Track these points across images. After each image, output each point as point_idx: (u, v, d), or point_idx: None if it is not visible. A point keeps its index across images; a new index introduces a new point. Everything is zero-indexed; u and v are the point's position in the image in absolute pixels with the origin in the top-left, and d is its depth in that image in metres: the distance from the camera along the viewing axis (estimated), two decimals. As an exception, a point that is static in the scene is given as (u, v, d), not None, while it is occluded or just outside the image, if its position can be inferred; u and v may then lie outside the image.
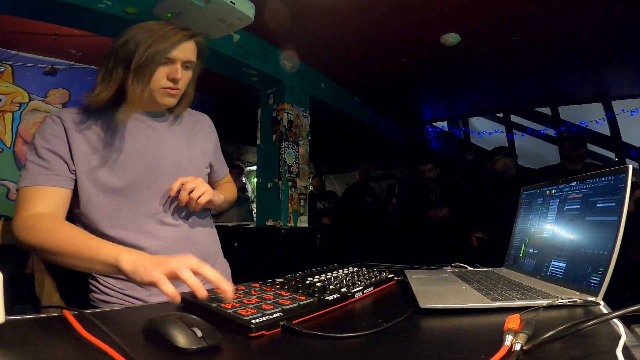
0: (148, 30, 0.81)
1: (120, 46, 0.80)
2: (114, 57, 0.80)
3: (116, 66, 0.80)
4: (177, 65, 0.83)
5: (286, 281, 0.74)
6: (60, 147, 0.78)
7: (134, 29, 0.82)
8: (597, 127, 4.83)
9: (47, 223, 0.71)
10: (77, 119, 0.82)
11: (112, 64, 0.80)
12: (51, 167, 0.77)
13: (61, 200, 0.77)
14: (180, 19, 2.17)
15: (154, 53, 0.78)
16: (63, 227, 0.71)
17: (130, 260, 0.59)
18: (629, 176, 0.62)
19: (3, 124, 3.55)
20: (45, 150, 0.78)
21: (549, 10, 2.74)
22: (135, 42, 0.79)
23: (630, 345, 0.40)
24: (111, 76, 0.80)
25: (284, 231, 3.13)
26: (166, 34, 0.80)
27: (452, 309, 0.58)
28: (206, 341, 0.42)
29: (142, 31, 0.80)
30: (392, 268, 1.08)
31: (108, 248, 0.64)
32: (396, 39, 3.27)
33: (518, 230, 1.04)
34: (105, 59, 0.82)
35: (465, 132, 6.09)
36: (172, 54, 0.81)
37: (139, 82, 0.79)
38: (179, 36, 0.81)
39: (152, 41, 0.78)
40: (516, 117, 5.52)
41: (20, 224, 0.72)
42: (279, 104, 3.43)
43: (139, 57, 0.78)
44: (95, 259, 0.63)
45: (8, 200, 3.50)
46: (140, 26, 0.82)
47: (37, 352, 0.41)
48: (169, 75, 0.82)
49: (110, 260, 0.61)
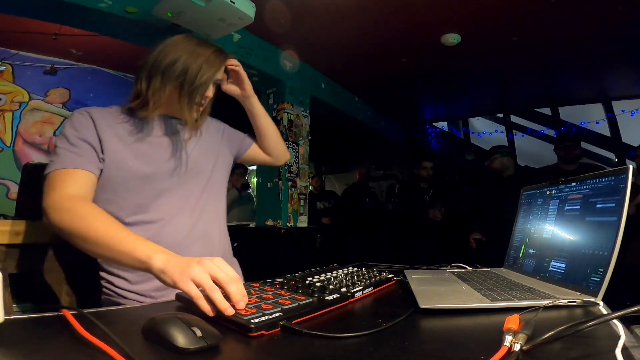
0: (193, 52, 0.87)
1: (167, 66, 0.86)
2: (161, 76, 0.86)
3: (165, 84, 0.86)
4: (211, 85, 0.91)
5: (286, 281, 0.74)
6: (90, 136, 0.82)
7: (176, 47, 0.88)
8: (597, 127, 4.83)
9: (82, 207, 0.72)
10: (105, 115, 0.88)
11: (159, 82, 0.86)
12: (82, 152, 0.80)
13: (90, 184, 0.80)
14: (181, 19, 2.18)
15: (207, 78, 0.87)
16: (97, 213, 0.71)
17: (162, 260, 0.59)
18: (629, 177, 0.62)
19: (3, 123, 3.55)
20: (76, 138, 0.81)
21: (549, 10, 2.74)
22: (184, 64, 0.85)
23: (629, 346, 0.40)
24: (161, 94, 0.86)
25: (283, 231, 3.13)
26: (211, 59, 0.88)
27: (451, 309, 0.58)
28: (206, 341, 0.42)
29: (187, 53, 0.86)
30: (392, 268, 1.08)
31: (143, 245, 0.64)
32: (396, 39, 3.27)
33: (518, 230, 1.04)
34: (148, 73, 0.87)
35: (465, 132, 6.09)
36: (218, 76, 0.91)
37: (190, 102, 0.87)
38: (220, 60, 0.90)
39: (201, 65, 0.86)
40: (516, 117, 5.52)
41: (53, 204, 0.73)
42: (279, 103, 3.43)
43: (192, 81, 0.85)
44: (127, 253, 0.64)
45: (8, 199, 3.50)
46: (183, 46, 0.88)
47: (37, 352, 0.41)
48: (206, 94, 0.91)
49: (143, 257, 0.61)
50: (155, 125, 0.92)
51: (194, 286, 0.53)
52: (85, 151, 0.81)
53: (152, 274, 0.60)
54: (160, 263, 0.59)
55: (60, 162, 0.78)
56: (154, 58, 0.88)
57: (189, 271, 0.54)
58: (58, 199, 0.73)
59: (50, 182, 0.77)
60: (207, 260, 0.56)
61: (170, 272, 0.56)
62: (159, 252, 0.61)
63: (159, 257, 0.59)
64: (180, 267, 0.55)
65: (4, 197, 3.51)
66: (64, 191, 0.74)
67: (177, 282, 0.55)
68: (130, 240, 0.65)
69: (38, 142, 3.74)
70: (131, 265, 0.64)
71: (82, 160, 0.79)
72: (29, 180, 1.22)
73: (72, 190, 0.75)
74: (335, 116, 4.57)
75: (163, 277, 0.57)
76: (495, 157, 2.83)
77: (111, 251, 0.66)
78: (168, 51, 0.87)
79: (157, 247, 0.63)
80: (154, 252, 0.61)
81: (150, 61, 0.88)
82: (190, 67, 0.85)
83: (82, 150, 0.81)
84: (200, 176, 0.96)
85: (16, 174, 3.51)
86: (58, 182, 0.76)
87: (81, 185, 0.77)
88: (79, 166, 0.78)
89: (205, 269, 0.54)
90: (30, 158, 3.65)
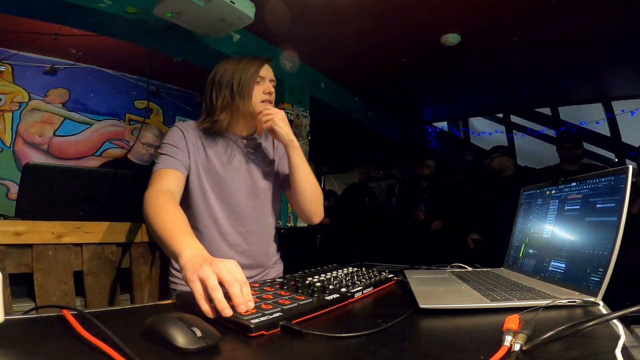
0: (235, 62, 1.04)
1: (221, 77, 1.03)
2: (218, 85, 1.03)
3: (222, 91, 1.02)
4: (267, 81, 1.06)
5: (286, 281, 0.74)
6: (183, 146, 1.00)
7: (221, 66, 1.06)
8: (597, 127, 4.83)
9: (161, 200, 0.85)
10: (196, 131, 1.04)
11: (218, 91, 1.03)
12: (177, 157, 0.98)
13: (180, 182, 0.96)
14: (181, 19, 2.17)
15: (249, 74, 1.02)
16: (169, 207, 0.82)
17: (187, 257, 0.62)
18: (629, 177, 0.62)
19: (3, 123, 3.55)
20: (173, 147, 0.99)
21: (549, 10, 2.74)
22: (232, 70, 1.03)
23: (629, 346, 0.40)
24: (222, 99, 1.02)
25: (283, 231, 3.13)
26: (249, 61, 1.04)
27: (451, 309, 0.58)
28: (206, 341, 0.42)
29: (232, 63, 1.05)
30: (392, 268, 1.08)
31: (182, 239, 0.69)
32: (396, 39, 3.27)
33: (518, 230, 1.04)
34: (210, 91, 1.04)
35: (465, 132, 6.08)
36: (261, 74, 1.04)
37: (243, 97, 1.01)
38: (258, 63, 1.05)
39: (242, 67, 1.02)
40: (516, 117, 5.51)
41: (147, 195, 0.87)
42: (279, 103, 3.43)
43: (238, 79, 1.01)
44: (170, 245, 0.70)
45: (8, 199, 3.50)
46: (226, 63, 1.06)
47: (37, 352, 0.41)
48: (264, 90, 1.04)
49: (177, 251, 0.67)
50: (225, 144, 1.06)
51: (200, 286, 0.54)
52: (180, 156, 0.98)
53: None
54: (184, 259, 0.62)
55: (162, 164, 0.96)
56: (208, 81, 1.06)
57: (198, 270, 0.55)
58: (153, 191, 0.88)
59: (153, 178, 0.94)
60: (218, 261, 0.57)
61: (187, 269, 0.59)
62: (189, 249, 0.65)
63: (187, 253, 0.63)
64: (195, 266, 0.57)
65: (4, 197, 3.51)
66: (159, 185, 0.91)
67: (187, 279, 0.57)
68: (177, 235, 0.71)
69: (38, 143, 3.74)
70: (172, 257, 0.71)
71: (177, 163, 0.97)
72: (29, 180, 1.22)
73: (165, 185, 0.91)
74: (335, 116, 4.56)
75: (183, 272, 0.60)
76: (494, 156, 2.84)
77: (162, 241, 0.74)
78: (216, 71, 1.06)
79: (192, 243, 0.68)
80: (185, 247, 0.65)
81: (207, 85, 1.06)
82: (234, 75, 1.02)
83: (178, 155, 0.98)
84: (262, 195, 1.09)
85: (16, 174, 3.50)
86: (157, 178, 0.93)
87: (172, 182, 0.93)
88: (173, 167, 0.96)
89: (213, 269, 0.55)
90: (30, 158, 3.65)
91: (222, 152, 1.04)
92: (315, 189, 1.06)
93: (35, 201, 1.20)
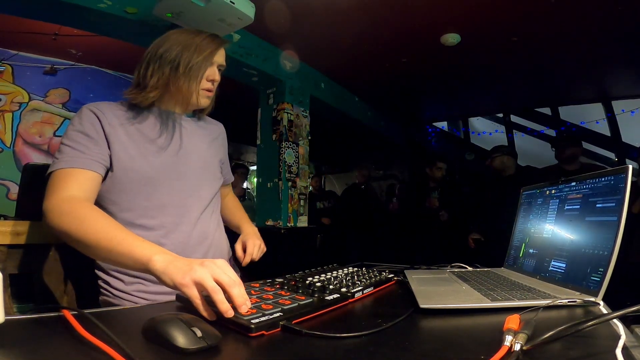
0: (187, 37, 0.90)
1: (165, 51, 0.88)
2: (159, 60, 0.88)
3: (161, 68, 0.88)
4: (215, 68, 0.93)
5: (286, 281, 0.74)
6: (96, 133, 0.81)
7: (171, 37, 0.91)
8: (596, 127, 4.83)
9: (81, 210, 0.70)
10: (114, 110, 0.87)
11: (156, 67, 0.88)
12: (87, 150, 0.78)
13: (94, 184, 0.78)
14: (181, 19, 2.17)
15: (204, 56, 0.89)
16: (97, 216, 0.70)
17: (163, 262, 0.58)
18: (629, 176, 0.62)
19: (3, 123, 3.55)
20: (81, 134, 0.80)
21: (549, 10, 2.74)
22: (182, 46, 0.88)
23: (629, 346, 0.40)
24: (158, 77, 0.87)
25: (283, 231, 3.13)
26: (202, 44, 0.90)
27: (451, 309, 0.58)
28: (206, 341, 0.42)
29: (182, 37, 0.90)
30: (392, 268, 1.08)
31: (143, 246, 0.62)
32: (396, 39, 3.27)
33: (518, 230, 1.04)
34: (147, 63, 0.89)
35: (465, 132, 6.08)
36: (215, 58, 0.91)
37: (190, 81, 0.88)
38: (216, 44, 0.92)
39: (195, 46, 0.88)
40: (516, 117, 5.51)
41: (53, 207, 0.71)
42: (279, 104, 3.43)
43: (188, 59, 0.87)
44: (127, 255, 0.62)
45: (8, 200, 3.50)
46: (177, 36, 0.91)
47: (37, 352, 0.41)
48: (208, 76, 0.91)
49: (143, 259, 0.60)
50: (160, 122, 0.91)
51: (196, 290, 0.53)
52: (90, 149, 0.79)
53: (152, 275, 0.59)
54: (160, 264, 0.57)
55: (64, 161, 0.76)
56: (149, 51, 0.90)
57: (191, 273, 0.53)
58: (58, 202, 0.72)
59: (52, 182, 0.75)
60: (209, 262, 0.55)
61: (172, 274, 0.55)
62: (159, 253, 0.60)
63: (160, 258, 0.58)
64: (182, 270, 0.54)
65: (4, 197, 3.51)
66: (64, 193, 0.73)
67: (178, 284, 0.54)
68: (129, 242, 0.63)
69: (38, 143, 3.74)
70: (132, 266, 0.63)
71: (86, 159, 0.77)
72: (29, 180, 1.22)
73: (73, 192, 0.74)
74: (335, 116, 4.56)
75: (163, 278, 0.56)
76: (495, 155, 2.84)
77: (111, 253, 0.65)
78: (162, 43, 0.90)
79: (157, 247, 0.62)
80: (154, 253, 0.60)
81: (146, 55, 0.91)
82: (182, 53, 0.87)
83: (88, 148, 0.78)
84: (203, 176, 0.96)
85: (16, 175, 3.50)
86: (59, 183, 0.74)
87: (83, 186, 0.75)
88: (82, 166, 0.76)
89: (208, 271, 0.53)
90: (30, 158, 3.65)
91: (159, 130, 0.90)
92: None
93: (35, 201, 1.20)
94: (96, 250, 0.67)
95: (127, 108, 0.90)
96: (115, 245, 0.64)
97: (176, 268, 0.55)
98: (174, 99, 0.93)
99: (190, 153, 0.94)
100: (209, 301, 0.52)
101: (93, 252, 0.68)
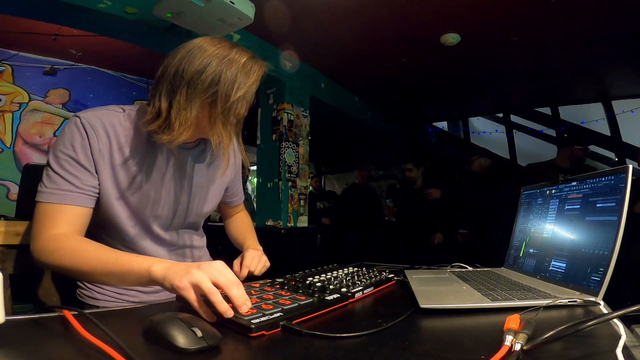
0: (224, 57, 0.71)
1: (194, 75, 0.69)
2: (187, 88, 0.70)
3: (192, 100, 0.70)
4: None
5: (286, 281, 0.74)
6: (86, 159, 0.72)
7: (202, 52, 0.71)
8: (596, 126, 4.83)
9: (71, 244, 0.67)
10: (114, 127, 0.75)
11: (185, 98, 0.70)
12: (77, 182, 0.71)
13: (84, 219, 0.73)
14: (181, 19, 2.18)
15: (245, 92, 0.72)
16: (87, 245, 0.68)
17: (162, 269, 0.58)
18: (629, 176, 0.62)
19: (3, 124, 3.55)
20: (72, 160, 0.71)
21: (549, 10, 2.74)
22: (215, 72, 0.69)
23: (630, 345, 0.40)
24: (188, 113, 0.70)
25: (284, 231, 3.13)
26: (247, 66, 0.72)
27: (452, 309, 0.58)
28: (206, 341, 0.42)
29: (217, 58, 0.70)
30: (392, 268, 1.08)
31: (139, 260, 0.62)
32: (396, 39, 3.27)
33: (518, 230, 1.04)
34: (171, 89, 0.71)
35: (465, 132, 6.08)
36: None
37: (224, 124, 0.72)
38: (256, 69, 0.74)
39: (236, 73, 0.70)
40: (516, 117, 5.51)
41: (41, 246, 0.68)
42: (279, 104, 3.43)
43: (227, 94, 0.70)
44: (128, 272, 0.62)
45: (8, 200, 3.50)
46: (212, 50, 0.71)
47: (37, 352, 0.41)
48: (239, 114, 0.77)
49: (143, 272, 0.60)
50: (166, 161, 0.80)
51: (194, 292, 0.53)
52: (81, 180, 0.71)
53: (156, 285, 0.60)
54: (160, 272, 0.58)
55: (53, 195, 0.70)
56: (175, 66, 0.71)
57: (188, 276, 0.53)
58: (45, 242, 0.68)
59: (40, 216, 0.70)
60: (207, 264, 0.55)
61: (170, 278, 0.55)
62: (157, 263, 0.60)
63: (158, 267, 0.59)
64: (180, 274, 0.55)
65: (4, 198, 3.51)
66: (51, 232, 0.68)
67: (177, 288, 0.54)
68: (124, 260, 0.63)
69: (38, 143, 3.74)
70: (135, 282, 0.63)
71: (75, 194, 0.71)
72: (29, 181, 1.22)
73: (62, 229, 0.69)
74: (335, 116, 4.56)
75: (164, 284, 0.57)
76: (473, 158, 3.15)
77: (110, 276, 0.64)
78: (192, 57, 0.70)
79: (152, 258, 0.63)
80: (152, 263, 0.60)
81: (170, 70, 0.71)
82: (223, 76, 0.69)
83: (77, 178, 0.71)
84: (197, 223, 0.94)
85: (16, 175, 3.51)
86: (47, 221, 0.69)
87: (72, 222, 0.70)
88: (71, 202, 0.70)
89: (205, 273, 0.53)
90: (30, 159, 3.65)
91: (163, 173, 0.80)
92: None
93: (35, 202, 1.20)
94: (95, 276, 0.66)
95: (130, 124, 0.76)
96: (112, 267, 0.63)
97: (174, 272, 0.56)
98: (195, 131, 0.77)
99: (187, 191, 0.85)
100: (208, 303, 0.52)
101: (92, 278, 0.67)
